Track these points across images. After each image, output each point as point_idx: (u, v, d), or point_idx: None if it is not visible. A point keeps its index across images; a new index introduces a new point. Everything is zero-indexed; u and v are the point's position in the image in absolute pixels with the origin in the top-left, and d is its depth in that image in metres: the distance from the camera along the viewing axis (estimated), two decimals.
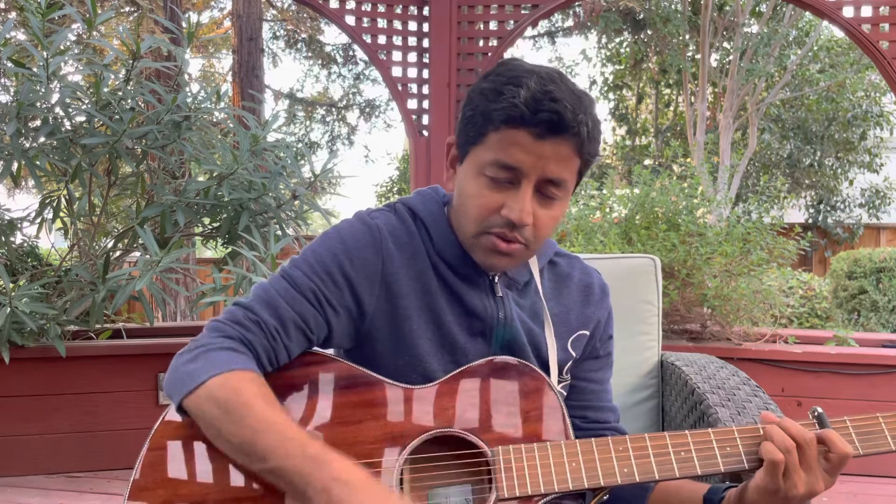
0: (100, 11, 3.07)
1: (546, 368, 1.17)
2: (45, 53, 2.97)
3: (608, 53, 13.98)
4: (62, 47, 3.10)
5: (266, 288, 1.09)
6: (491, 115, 1.02)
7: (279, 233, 3.32)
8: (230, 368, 1.00)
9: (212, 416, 0.97)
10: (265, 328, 1.05)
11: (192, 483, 0.99)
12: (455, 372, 1.10)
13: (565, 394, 1.24)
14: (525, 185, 1.03)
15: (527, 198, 1.03)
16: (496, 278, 1.17)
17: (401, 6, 4.59)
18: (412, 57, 4.63)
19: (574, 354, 1.22)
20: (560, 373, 1.20)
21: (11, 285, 2.96)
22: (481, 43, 4.57)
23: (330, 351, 1.16)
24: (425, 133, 4.57)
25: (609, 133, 14.80)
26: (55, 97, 3.11)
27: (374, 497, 0.91)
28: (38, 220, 3.41)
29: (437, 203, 1.18)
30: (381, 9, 4.58)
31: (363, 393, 1.07)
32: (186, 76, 3.52)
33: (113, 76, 3.30)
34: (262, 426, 0.95)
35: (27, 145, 3.14)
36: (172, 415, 1.04)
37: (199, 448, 1.01)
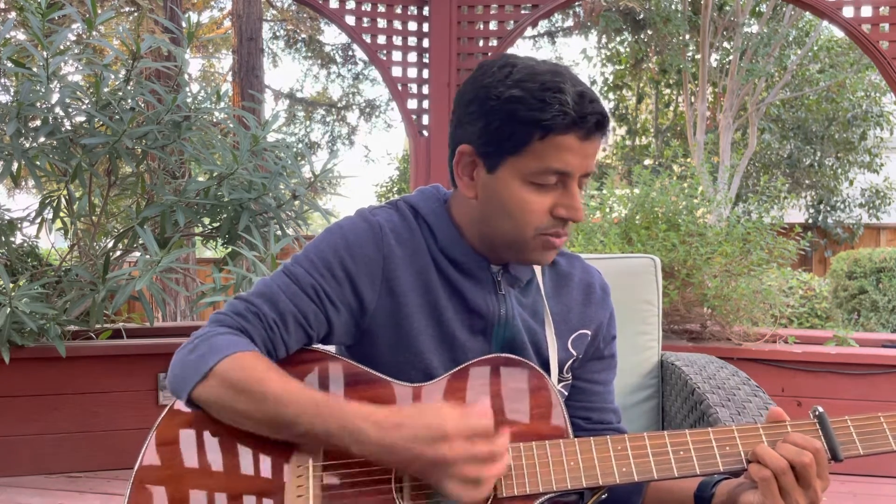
0: (100, 11, 3.07)
1: (546, 367, 1.17)
2: (45, 53, 2.97)
3: (608, 53, 13.97)
4: (62, 47, 3.10)
5: (267, 283, 1.10)
6: (538, 124, 1.02)
7: (279, 233, 3.32)
8: (234, 350, 1.02)
9: (228, 399, 0.99)
10: (264, 320, 1.06)
11: (189, 487, 0.99)
12: (455, 370, 1.10)
13: (566, 393, 1.23)
14: (573, 185, 1.08)
15: (577, 196, 1.08)
16: (500, 275, 1.17)
17: (401, 6, 4.59)
18: (412, 57, 4.64)
19: (574, 353, 1.22)
20: (560, 371, 1.20)
21: (11, 285, 2.96)
22: (481, 43, 4.58)
23: (331, 348, 1.16)
24: (425, 133, 4.57)
25: (609, 133, 14.76)
26: (55, 97, 3.10)
27: (432, 413, 0.95)
28: (38, 220, 3.41)
29: (438, 201, 1.19)
30: (381, 9, 4.58)
31: (363, 391, 1.07)
32: (186, 76, 3.52)
33: (113, 76, 3.30)
34: (284, 396, 0.98)
35: (27, 145, 3.14)
36: (166, 422, 1.03)
37: (192, 460, 1.01)
